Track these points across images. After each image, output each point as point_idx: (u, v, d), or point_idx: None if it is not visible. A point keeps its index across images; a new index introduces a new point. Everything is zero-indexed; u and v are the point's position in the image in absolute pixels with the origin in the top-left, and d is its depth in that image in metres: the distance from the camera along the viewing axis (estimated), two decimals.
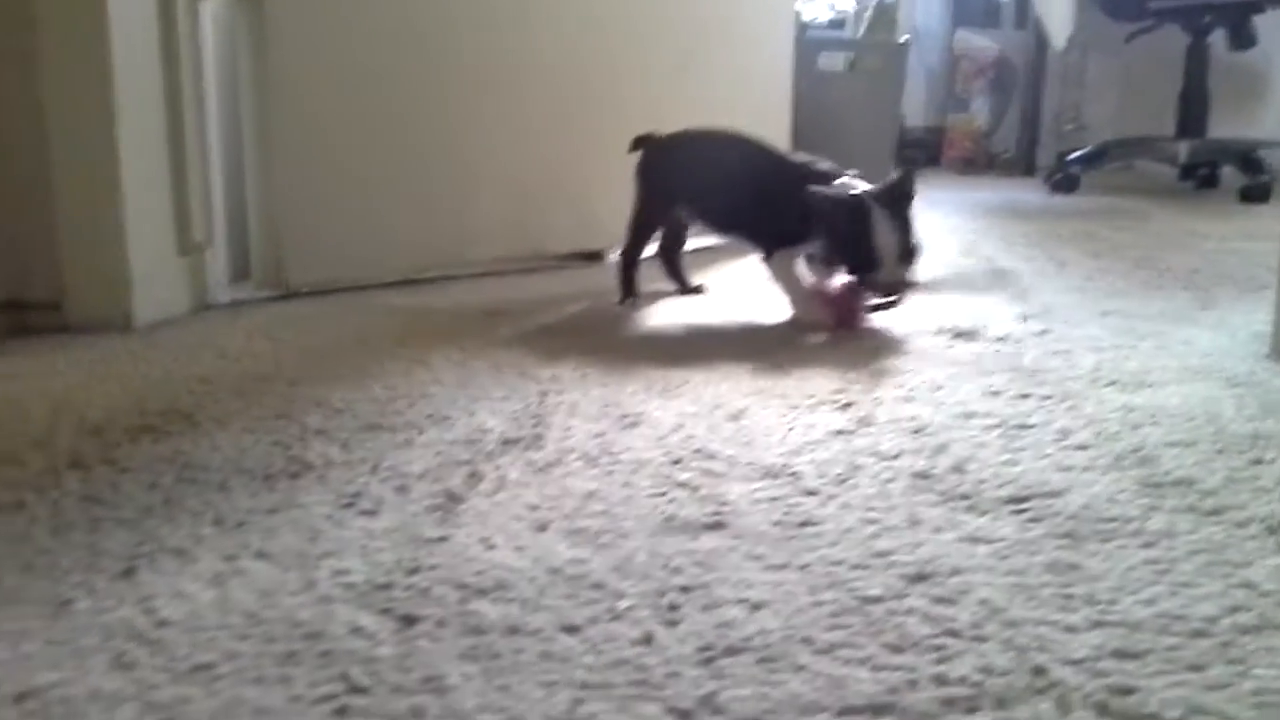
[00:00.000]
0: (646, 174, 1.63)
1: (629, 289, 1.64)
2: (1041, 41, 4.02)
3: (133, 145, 1.36)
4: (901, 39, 2.96)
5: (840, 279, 1.44)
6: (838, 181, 1.43)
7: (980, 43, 4.33)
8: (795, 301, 1.50)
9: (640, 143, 1.63)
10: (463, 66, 1.77)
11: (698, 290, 1.71)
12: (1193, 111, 3.45)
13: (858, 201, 1.38)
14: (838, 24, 3.46)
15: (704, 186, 1.59)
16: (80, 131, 1.35)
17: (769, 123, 2.25)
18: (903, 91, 2.98)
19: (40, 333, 1.36)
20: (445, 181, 1.78)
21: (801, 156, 1.54)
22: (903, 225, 1.39)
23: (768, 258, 1.51)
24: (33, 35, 1.32)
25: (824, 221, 1.42)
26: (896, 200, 1.40)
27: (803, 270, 1.51)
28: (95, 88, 1.33)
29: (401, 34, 1.69)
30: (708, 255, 1.92)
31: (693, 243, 1.74)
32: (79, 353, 1.27)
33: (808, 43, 2.71)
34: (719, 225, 1.63)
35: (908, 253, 1.40)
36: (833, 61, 2.77)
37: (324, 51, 1.62)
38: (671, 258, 1.71)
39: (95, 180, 1.35)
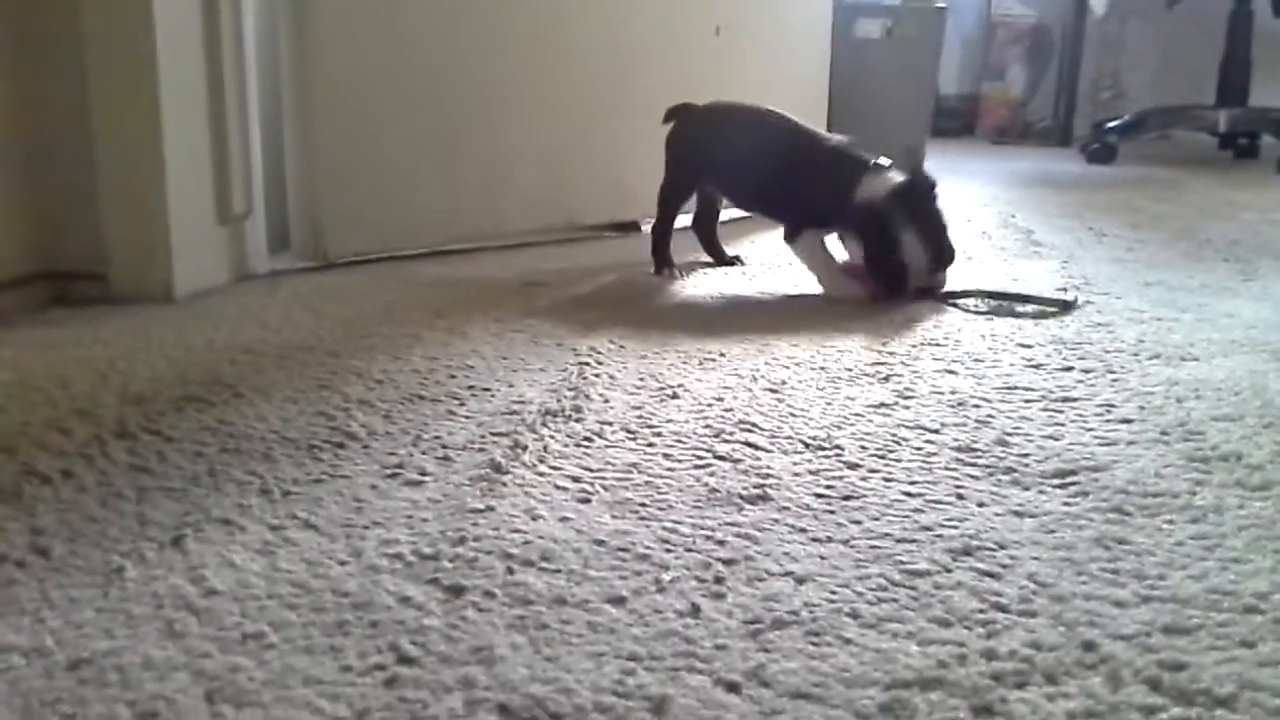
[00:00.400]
0: (674, 145, 1.62)
1: (662, 260, 1.63)
2: (1081, 8, 3.97)
3: (174, 116, 1.37)
4: (940, 4, 2.93)
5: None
6: (869, 175, 1.41)
7: (1018, 10, 4.28)
8: (825, 279, 1.48)
9: (674, 113, 1.62)
10: (498, 39, 1.76)
11: (734, 261, 1.70)
12: (1233, 80, 3.39)
13: (884, 219, 1.37)
14: None
15: (729, 161, 1.58)
16: (123, 102, 1.35)
17: (804, 90, 2.23)
18: (940, 59, 2.94)
19: (82, 303, 1.37)
20: (480, 153, 1.78)
21: (835, 138, 1.52)
22: (931, 228, 1.39)
23: (793, 237, 1.50)
24: (78, 8, 1.33)
25: (859, 228, 1.41)
26: (921, 199, 1.39)
27: (833, 246, 1.49)
28: (138, 59, 1.33)
29: (437, 9, 1.69)
30: (743, 226, 1.91)
31: (729, 213, 1.73)
32: (121, 323, 1.28)
33: (845, 8, 2.68)
34: (743, 200, 1.63)
35: (939, 257, 1.40)
36: (870, 28, 2.74)
37: (362, 26, 1.61)
38: (706, 229, 1.70)
39: (137, 151, 1.35)
